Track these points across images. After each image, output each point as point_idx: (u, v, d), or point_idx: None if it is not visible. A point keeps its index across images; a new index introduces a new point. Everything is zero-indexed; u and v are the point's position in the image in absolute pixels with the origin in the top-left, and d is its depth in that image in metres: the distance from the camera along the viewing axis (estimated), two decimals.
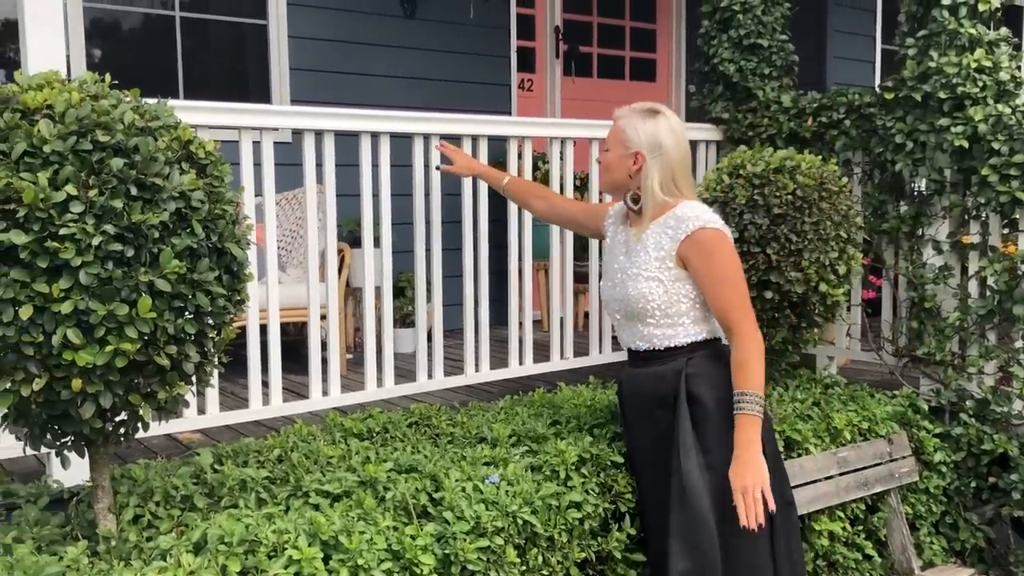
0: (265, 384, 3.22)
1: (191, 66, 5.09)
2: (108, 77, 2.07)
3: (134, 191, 1.88)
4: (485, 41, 5.98)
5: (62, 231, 1.79)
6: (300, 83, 5.26)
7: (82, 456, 2.18)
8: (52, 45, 2.61)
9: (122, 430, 2.15)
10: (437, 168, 3.38)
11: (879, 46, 7.51)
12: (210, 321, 2.07)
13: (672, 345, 2.49)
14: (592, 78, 6.84)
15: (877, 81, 7.43)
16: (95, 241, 1.80)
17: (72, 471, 2.58)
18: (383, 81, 5.52)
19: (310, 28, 5.31)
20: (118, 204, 1.84)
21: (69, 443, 2.12)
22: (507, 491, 2.37)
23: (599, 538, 2.54)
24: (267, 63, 5.27)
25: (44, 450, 2.28)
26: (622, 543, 2.56)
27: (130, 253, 1.87)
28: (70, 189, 1.81)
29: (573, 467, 2.57)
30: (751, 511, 2.29)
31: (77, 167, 1.85)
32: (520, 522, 2.31)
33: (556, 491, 2.45)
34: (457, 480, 2.40)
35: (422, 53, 5.69)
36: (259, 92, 5.25)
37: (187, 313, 1.98)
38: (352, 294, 4.74)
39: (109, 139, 1.87)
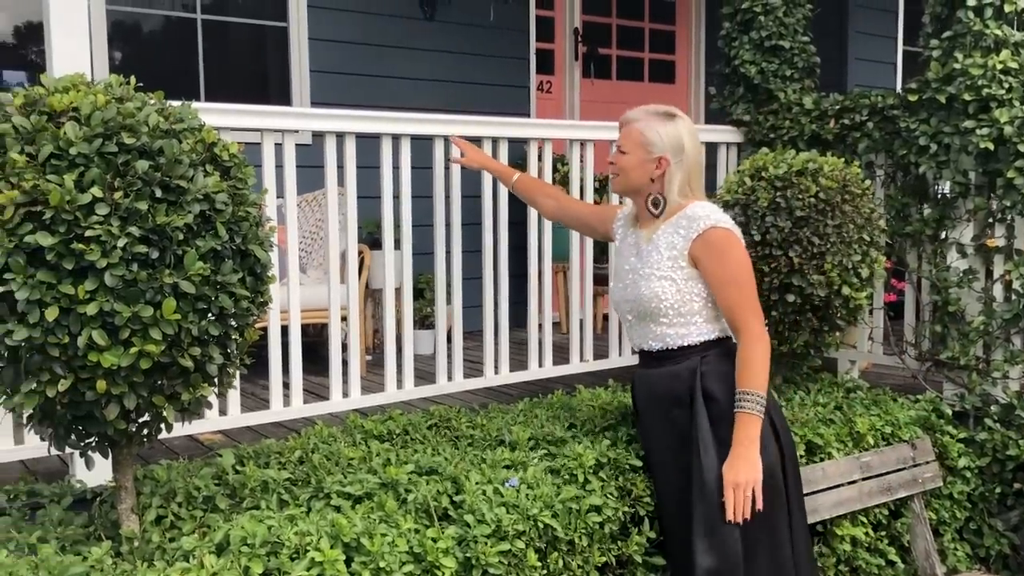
0: (286, 385, 3.23)
1: (212, 68, 5.12)
2: (133, 79, 2.08)
3: (159, 193, 1.89)
4: (504, 43, 5.98)
5: (88, 233, 1.80)
6: (320, 85, 5.28)
7: (106, 457, 2.20)
8: (77, 48, 2.63)
9: (145, 431, 2.16)
10: (450, 161, 3.40)
11: (900, 48, 7.45)
12: (233, 323, 2.08)
13: (686, 344, 2.50)
14: (611, 80, 6.83)
15: (899, 83, 7.37)
16: (120, 243, 1.82)
17: (95, 471, 2.60)
18: (402, 83, 5.53)
19: (330, 30, 5.33)
20: (143, 206, 1.85)
21: (93, 444, 2.14)
22: (527, 494, 2.37)
23: (619, 542, 2.53)
24: (287, 65, 5.29)
25: (68, 450, 2.30)
26: (642, 547, 2.55)
27: (154, 255, 1.88)
28: (96, 191, 1.82)
29: (591, 470, 2.56)
30: (739, 506, 2.34)
31: (103, 169, 1.86)
32: (541, 526, 2.30)
33: (576, 495, 2.44)
34: (478, 483, 2.39)
35: (441, 55, 5.70)
36: (279, 94, 5.28)
37: (210, 315, 1.99)
38: (371, 296, 4.75)
39: (134, 141, 1.89)
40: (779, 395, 3.41)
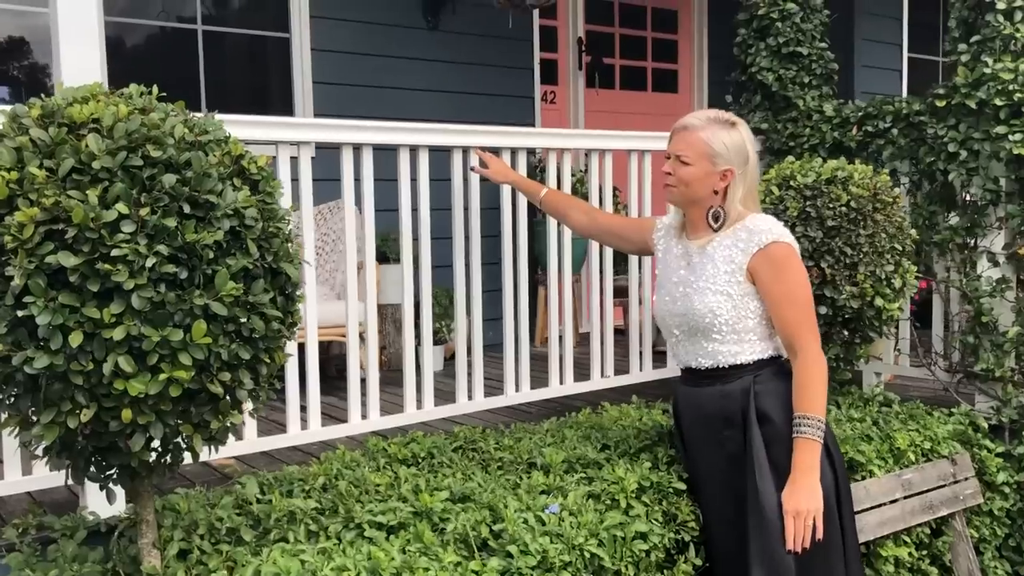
0: (303, 408, 3.10)
1: (214, 80, 5.00)
2: (156, 89, 1.96)
3: (187, 209, 1.77)
4: (508, 53, 5.88)
5: (114, 252, 1.67)
6: (323, 96, 5.17)
7: (126, 488, 2.07)
8: (88, 57, 2.51)
9: (168, 460, 2.03)
10: (472, 170, 3.28)
11: (906, 55, 7.40)
12: (263, 346, 1.96)
13: (738, 363, 2.38)
14: (615, 90, 6.74)
15: (904, 90, 7.32)
16: (149, 263, 1.69)
17: (107, 502, 2.47)
18: (406, 94, 5.43)
19: (333, 41, 5.22)
20: (171, 223, 1.73)
21: (114, 476, 2.01)
22: (571, 523, 2.25)
23: (665, 571, 2.41)
24: (290, 76, 5.17)
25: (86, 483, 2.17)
26: (689, 575, 2.43)
27: (183, 275, 1.76)
28: (121, 207, 1.70)
29: (633, 495, 2.45)
30: (799, 535, 2.24)
31: (128, 184, 1.74)
32: (588, 555, 2.18)
33: (621, 521, 2.32)
34: (517, 511, 2.27)
35: (445, 66, 5.60)
36: (282, 105, 5.16)
37: (241, 338, 1.87)
38: (380, 312, 4.62)
39: (161, 154, 1.77)
40: None
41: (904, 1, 7.35)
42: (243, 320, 1.85)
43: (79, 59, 2.49)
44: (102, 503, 2.50)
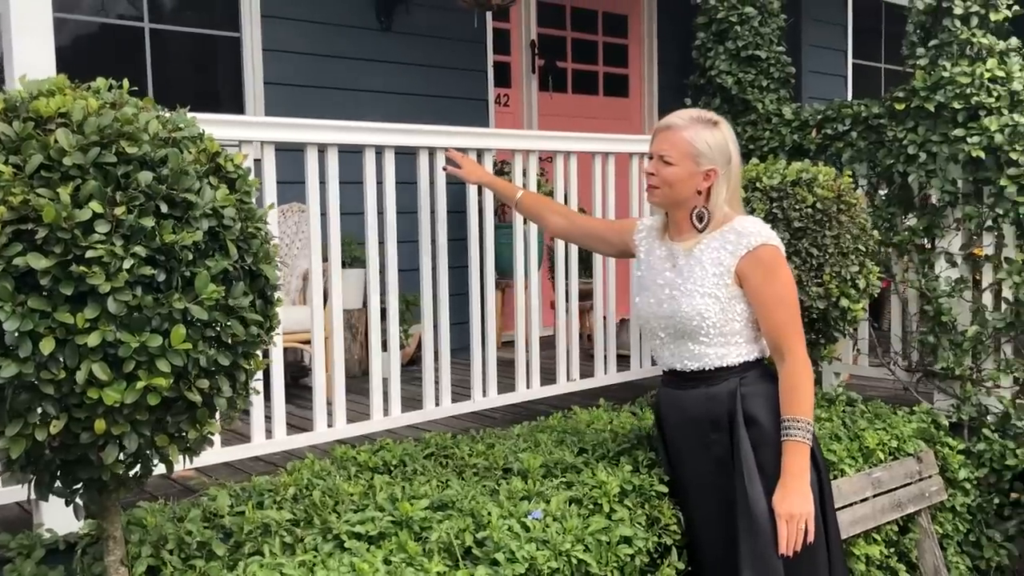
0: (267, 418, 3.00)
1: (162, 79, 4.85)
2: (126, 83, 1.87)
3: (164, 209, 1.69)
4: (462, 55, 5.83)
5: (88, 254, 1.58)
6: (275, 97, 5.05)
7: (95, 504, 1.96)
8: (42, 51, 2.40)
9: (138, 472, 1.93)
10: (444, 169, 3.23)
11: (851, 60, 7.55)
12: (242, 351, 1.87)
13: (724, 365, 2.36)
14: (567, 93, 6.74)
15: (850, 95, 7.46)
16: (126, 264, 1.60)
17: (65, 519, 2.35)
18: (359, 95, 5.34)
19: (285, 41, 5.11)
20: (148, 223, 1.64)
21: (80, 490, 1.90)
22: (556, 528, 2.20)
23: (648, 575, 2.38)
24: (240, 76, 5.05)
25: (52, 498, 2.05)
26: None
27: (161, 278, 1.67)
28: (95, 206, 1.60)
29: (616, 499, 2.41)
30: (791, 539, 2.23)
31: (101, 182, 1.64)
32: (575, 561, 2.14)
33: (606, 526, 2.29)
34: (500, 517, 2.22)
35: (398, 67, 5.53)
36: (233, 106, 5.02)
37: (220, 343, 1.78)
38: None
39: (136, 151, 1.68)
40: None
41: (849, 9, 7.51)
42: (223, 325, 1.77)
43: (33, 53, 2.38)
44: (59, 520, 2.39)
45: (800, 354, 2.29)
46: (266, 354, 2.93)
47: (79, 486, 1.89)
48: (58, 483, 1.87)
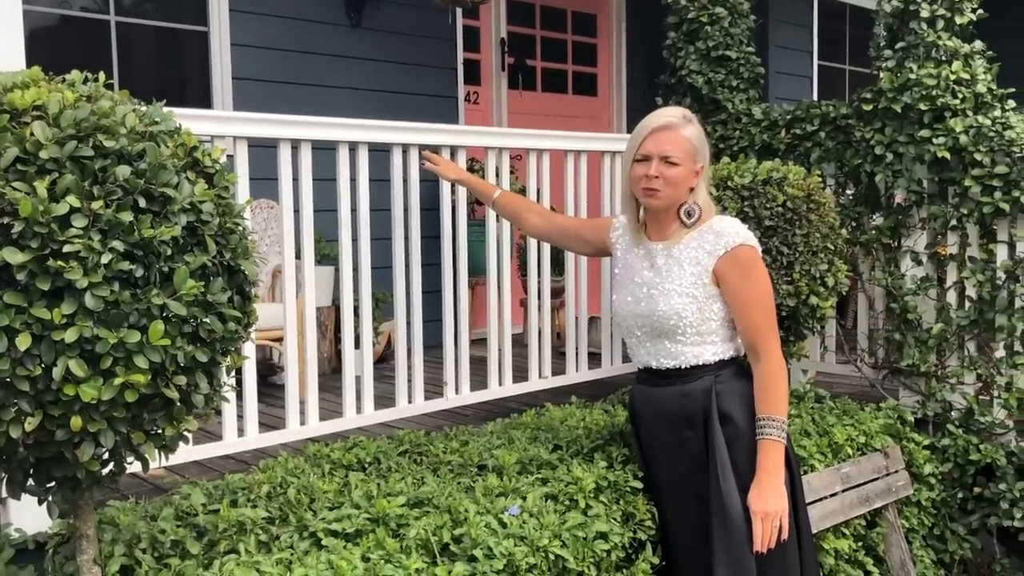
0: (239, 416, 2.97)
1: (128, 73, 4.78)
2: (102, 76, 1.85)
3: (142, 203, 1.67)
4: (431, 52, 5.82)
5: (66, 248, 1.56)
6: (243, 92, 5.00)
7: (68, 502, 1.93)
8: (11, 46, 2.36)
9: (113, 470, 1.91)
10: (423, 166, 3.22)
11: (816, 62, 7.65)
12: (220, 348, 1.86)
13: (700, 363, 2.38)
14: (536, 92, 6.76)
15: (815, 95, 7.56)
16: (104, 259, 1.58)
17: (34, 517, 2.31)
18: (328, 91, 5.30)
19: (253, 36, 5.06)
20: (126, 217, 1.62)
21: (54, 488, 1.87)
22: (534, 524, 2.21)
23: (623, 570, 2.40)
24: (208, 71, 4.99)
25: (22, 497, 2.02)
26: (647, 574, 2.43)
27: (139, 273, 1.65)
28: (72, 200, 1.58)
29: (592, 495, 2.43)
30: (766, 537, 2.26)
31: (78, 176, 1.62)
32: (552, 557, 2.15)
33: (582, 521, 2.30)
34: (477, 514, 2.22)
35: (368, 63, 5.50)
36: (200, 101, 4.96)
37: (198, 340, 1.77)
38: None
39: (114, 144, 1.66)
40: None
41: (814, 11, 7.60)
42: (201, 321, 1.75)
43: (1, 46, 2.34)
44: (28, 519, 2.35)
45: (776, 354, 2.32)
46: (238, 351, 2.92)
47: (52, 484, 1.87)
48: (31, 481, 1.85)
